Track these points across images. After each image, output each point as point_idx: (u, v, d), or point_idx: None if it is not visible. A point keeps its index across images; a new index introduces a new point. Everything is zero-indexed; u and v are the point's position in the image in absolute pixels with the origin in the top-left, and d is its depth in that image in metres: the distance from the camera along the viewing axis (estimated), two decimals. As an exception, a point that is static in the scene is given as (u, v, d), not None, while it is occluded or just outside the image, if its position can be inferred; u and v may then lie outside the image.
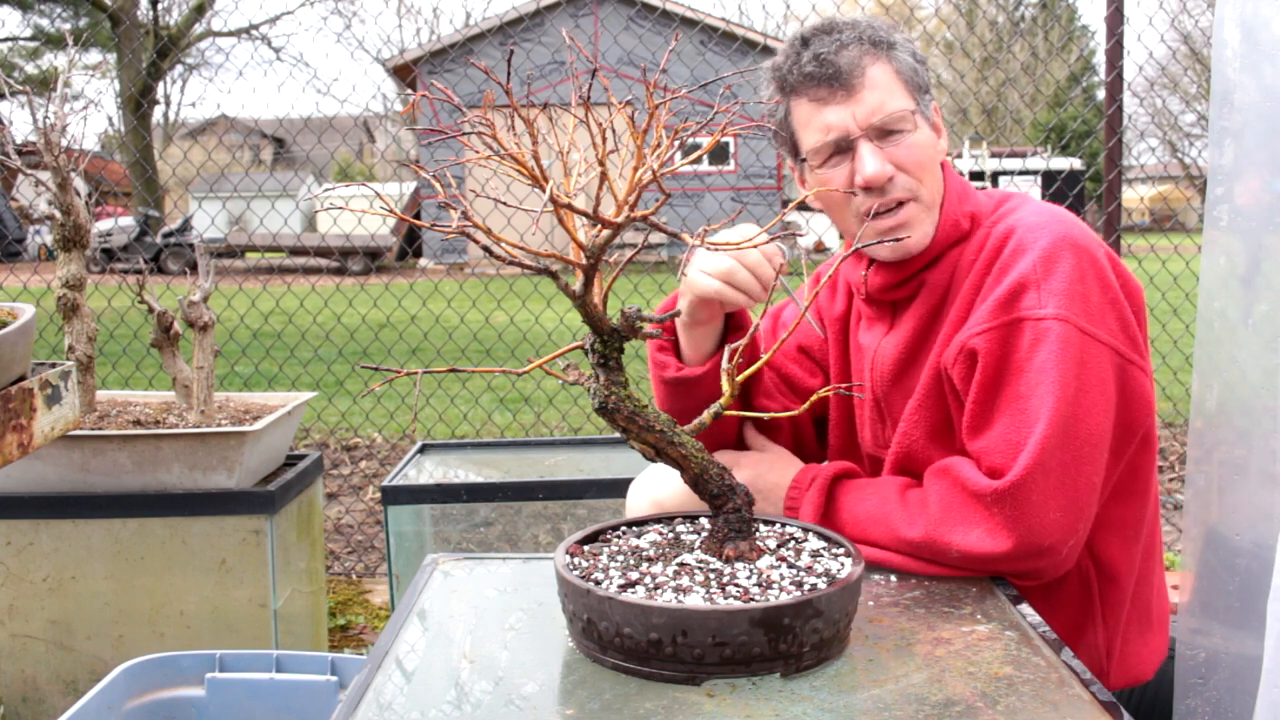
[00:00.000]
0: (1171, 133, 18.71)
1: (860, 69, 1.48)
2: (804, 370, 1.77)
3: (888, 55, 1.50)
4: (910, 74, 1.51)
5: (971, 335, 1.42)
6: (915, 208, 1.51)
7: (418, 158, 17.40)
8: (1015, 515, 1.32)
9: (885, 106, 1.47)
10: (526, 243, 1.11)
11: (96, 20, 22.95)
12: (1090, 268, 1.41)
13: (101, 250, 16.33)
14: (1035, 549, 1.32)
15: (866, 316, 1.66)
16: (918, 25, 13.19)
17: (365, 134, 27.31)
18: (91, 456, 2.29)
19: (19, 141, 2.47)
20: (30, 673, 2.37)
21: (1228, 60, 1.43)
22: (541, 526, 2.60)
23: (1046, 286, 1.38)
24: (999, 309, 1.40)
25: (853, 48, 1.49)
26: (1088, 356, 1.37)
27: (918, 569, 1.37)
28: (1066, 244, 1.41)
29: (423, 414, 6.24)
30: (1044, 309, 1.37)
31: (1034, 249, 1.42)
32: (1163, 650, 1.59)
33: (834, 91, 1.48)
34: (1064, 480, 1.33)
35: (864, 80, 1.47)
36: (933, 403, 1.51)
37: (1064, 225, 1.45)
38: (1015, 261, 1.43)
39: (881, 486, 1.45)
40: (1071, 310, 1.37)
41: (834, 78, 1.48)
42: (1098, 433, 1.36)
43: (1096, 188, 9.83)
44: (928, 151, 1.51)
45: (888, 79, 1.49)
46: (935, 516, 1.36)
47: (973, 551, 1.32)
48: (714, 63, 10.50)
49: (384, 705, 1.07)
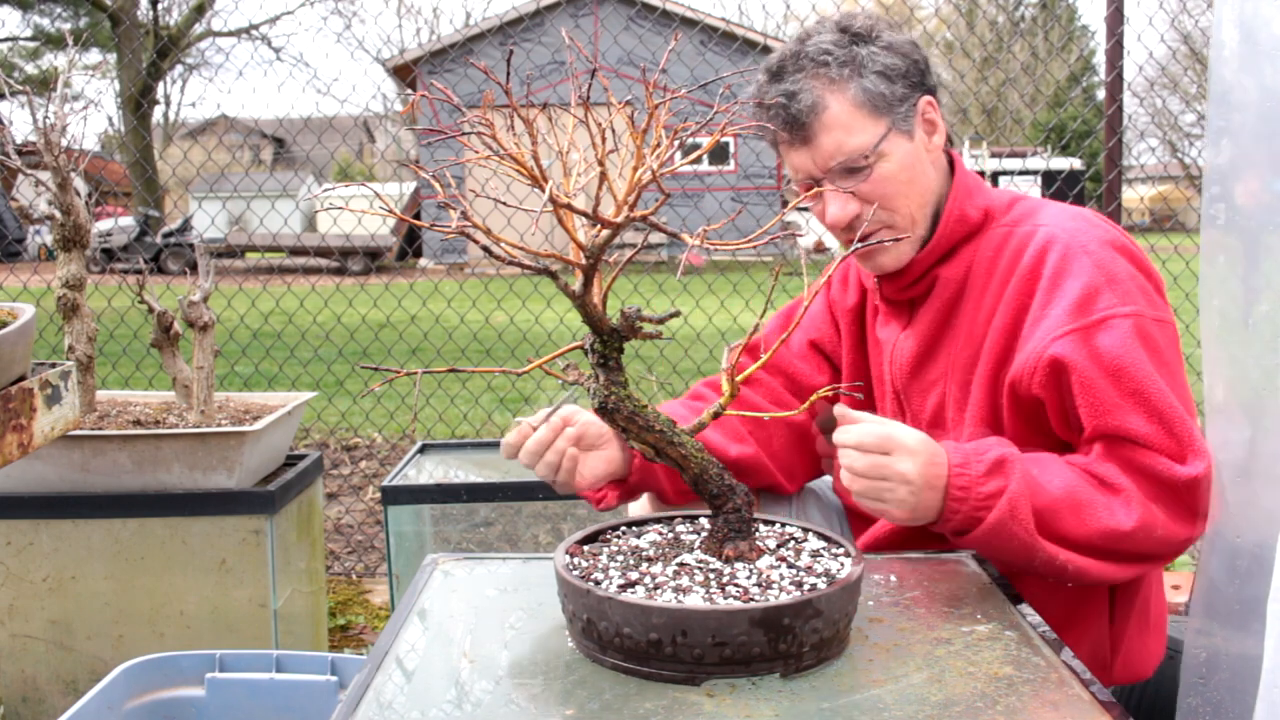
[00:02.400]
0: (1171, 133, 18.70)
1: (816, 110, 1.48)
2: (811, 367, 1.78)
3: (849, 80, 1.49)
4: (877, 94, 1.50)
5: (1052, 339, 1.42)
6: (888, 233, 1.53)
7: (418, 158, 17.40)
8: (1201, 497, 1.37)
9: (843, 148, 1.49)
10: (526, 243, 1.11)
11: (96, 20, 22.94)
12: (1136, 263, 1.48)
13: (101, 250, 16.33)
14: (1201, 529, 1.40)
15: (884, 312, 1.68)
16: (918, 25, 13.19)
17: (365, 134, 27.31)
18: (91, 456, 2.29)
19: (19, 141, 2.47)
20: (30, 673, 2.36)
21: (1226, 60, 1.43)
22: (541, 526, 2.60)
23: (1117, 287, 1.43)
24: (1076, 313, 1.42)
25: (809, 86, 1.49)
26: (1168, 340, 1.44)
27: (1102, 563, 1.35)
28: (1112, 245, 1.47)
29: (423, 414, 6.24)
30: (1125, 307, 1.41)
31: (1090, 254, 1.45)
32: (1160, 651, 1.60)
33: (794, 137, 1.51)
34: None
35: (819, 123, 1.49)
36: (993, 419, 1.51)
37: (1102, 229, 1.51)
38: (1070, 267, 1.45)
39: (1056, 467, 1.38)
40: (1141, 304, 1.43)
41: (792, 124, 1.50)
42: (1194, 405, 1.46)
43: (1096, 188, 9.84)
44: (898, 178, 1.51)
45: (846, 115, 1.49)
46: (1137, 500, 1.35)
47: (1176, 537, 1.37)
48: (714, 63, 10.48)
49: (384, 705, 1.07)
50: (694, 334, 5.41)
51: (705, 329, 5.59)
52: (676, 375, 6.74)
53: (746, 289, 5.82)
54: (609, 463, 1.58)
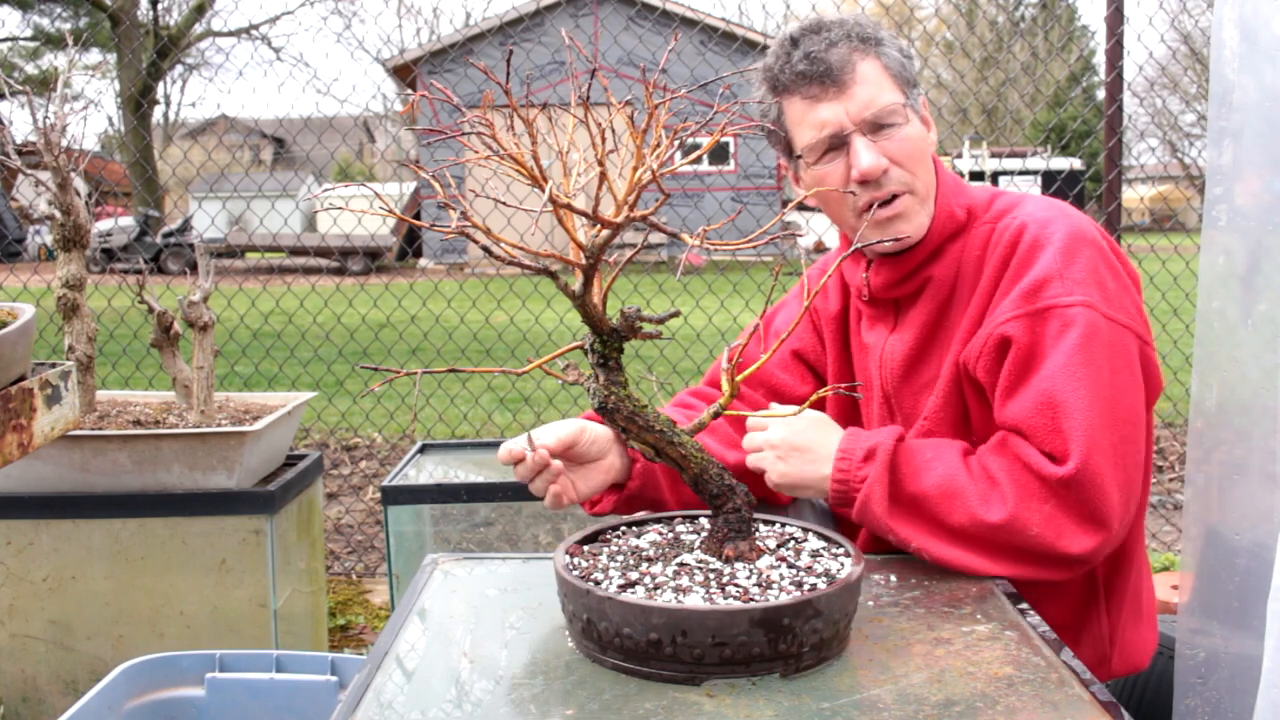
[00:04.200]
0: (1171, 133, 18.70)
1: (850, 65, 1.50)
2: (794, 378, 1.77)
3: (876, 51, 1.52)
4: (898, 69, 1.53)
5: (999, 324, 1.43)
6: (910, 199, 1.53)
7: (418, 158, 17.40)
8: (1088, 503, 1.33)
9: (877, 101, 1.50)
10: (526, 243, 1.11)
11: (96, 20, 22.94)
12: (1103, 257, 1.45)
13: (101, 250, 16.34)
14: (1111, 538, 1.34)
15: (868, 315, 1.67)
16: (918, 25, 13.19)
17: (365, 134, 27.33)
18: (91, 456, 2.29)
19: (19, 141, 2.47)
20: (30, 673, 2.37)
21: (1226, 60, 1.43)
22: (541, 526, 2.60)
23: (1069, 276, 1.41)
24: (1024, 299, 1.42)
25: (841, 45, 1.51)
26: (1115, 340, 1.40)
27: (975, 555, 1.35)
28: (1080, 236, 1.45)
29: (423, 414, 6.24)
30: (1070, 296, 1.40)
31: (1052, 243, 1.45)
32: (1154, 641, 1.61)
33: (826, 88, 1.50)
34: (1117, 461, 1.35)
35: (855, 76, 1.50)
36: (955, 400, 1.52)
37: (1073, 219, 1.49)
38: (1035, 255, 1.45)
39: (941, 453, 1.41)
40: (1094, 297, 1.40)
41: (825, 75, 1.50)
42: (1135, 413, 1.40)
43: (1096, 188, 9.83)
44: (920, 144, 1.53)
45: (877, 74, 1.51)
46: (1012, 496, 1.34)
47: (1055, 546, 1.32)
48: (714, 63, 10.50)
49: (384, 705, 1.07)
50: (694, 334, 5.42)
51: (705, 329, 5.59)
52: (676, 375, 6.74)
53: (746, 289, 5.82)
54: (607, 472, 1.59)
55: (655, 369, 7.08)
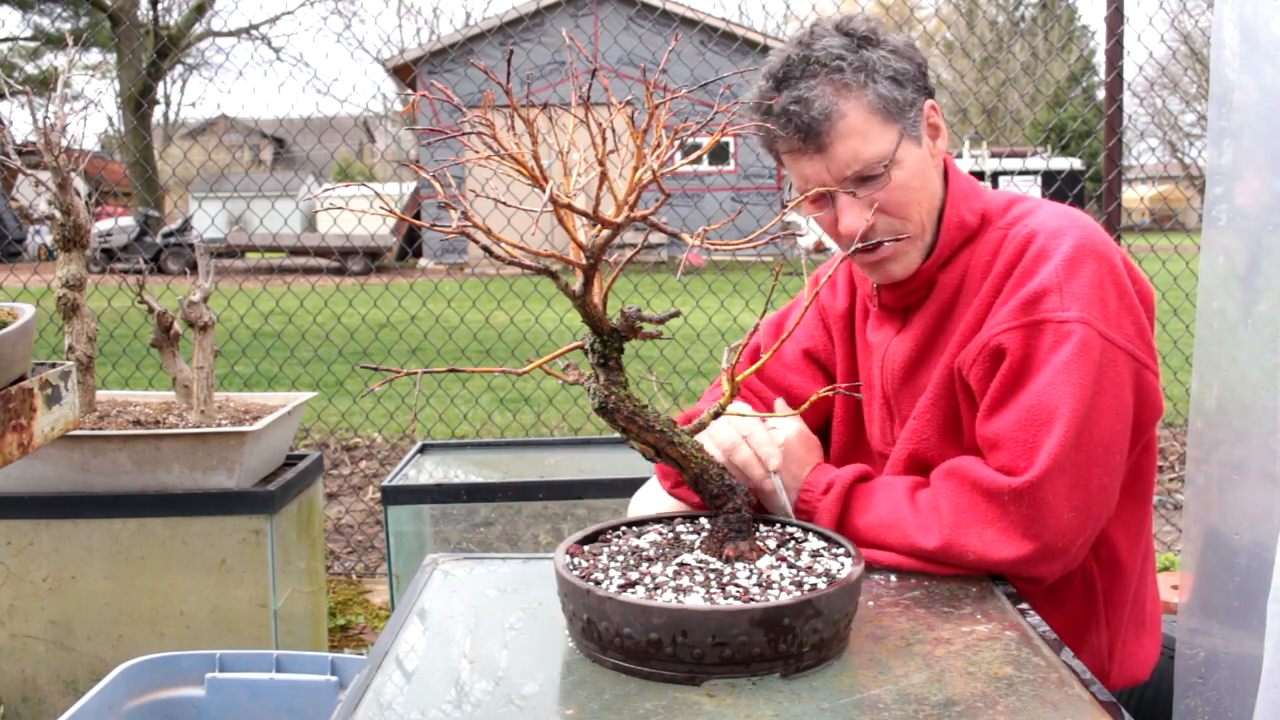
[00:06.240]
0: (1171, 133, 18.71)
1: (831, 118, 1.43)
2: (806, 379, 1.75)
3: (863, 84, 1.45)
4: (890, 99, 1.46)
5: (994, 334, 1.42)
6: (898, 244, 1.51)
7: (418, 158, 17.41)
8: (1030, 515, 1.32)
9: (860, 156, 1.45)
10: (526, 243, 1.11)
11: (96, 20, 22.95)
12: (1109, 273, 1.42)
13: (101, 250, 16.34)
14: (1048, 551, 1.32)
15: (875, 315, 1.66)
16: (918, 25, 13.19)
17: (365, 134, 27.33)
18: (91, 456, 2.29)
19: (19, 141, 2.47)
20: (30, 673, 2.37)
21: (1226, 60, 1.43)
22: (541, 526, 2.60)
23: (1069, 290, 1.39)
24: (1021, 310, 1.40)
25: (822, 86, 1.44)
26: (1106, 360, 1.37)
27: (931, 570, 1.37)
28: (1088, 249, 1.42)
29: (423, 414, 6.24)
30: (1066, 312, 1.38)
31: (1057, 254, 1.42)
32: (1156, 651, 1.60)
33: (806, 146, 1.46)
34: (1078, 482, 1.33)
35: (835, 132, 1.44)
36: (945, 402, 1.51)
37: (1084, 230, 1.45)
38: (1038, 266, 1.43)
39: (890, 490, 1.44)
40: (1092, 314, 1.38)
41: (806, 131, 1.44)
42: (1112, 436, 1.37)
43: (1096, 188, 9.84)
44: (911, 186, 1.48)
45: (863, 118, 1.44)
46: (949, 522, 1.35)
47: (988, 556, 1.33)
48: (714, 63, 10.49)
49: (384, 705, 1.07)
50: (694, 334, 5.42)
51: (705, 329, 5.59)
52: (676, 375, 6.74)
53: (746, 289, 5.82)
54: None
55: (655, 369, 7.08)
